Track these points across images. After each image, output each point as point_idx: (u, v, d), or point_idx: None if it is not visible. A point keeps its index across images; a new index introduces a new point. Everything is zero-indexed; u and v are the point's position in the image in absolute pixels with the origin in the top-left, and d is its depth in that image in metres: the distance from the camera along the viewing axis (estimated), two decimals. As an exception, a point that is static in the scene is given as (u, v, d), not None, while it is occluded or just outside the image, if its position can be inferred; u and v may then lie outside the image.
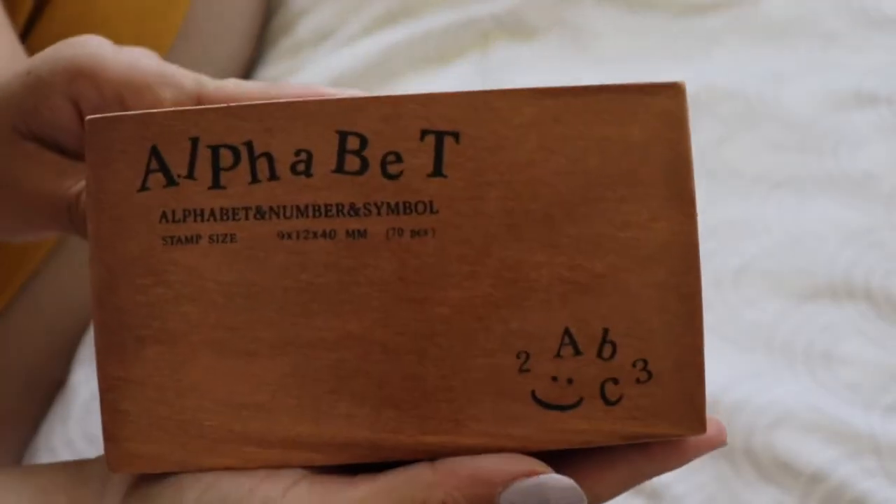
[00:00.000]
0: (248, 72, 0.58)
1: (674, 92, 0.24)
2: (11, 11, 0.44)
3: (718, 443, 0.24)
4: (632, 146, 0.23)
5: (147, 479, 0.24)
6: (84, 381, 0.46)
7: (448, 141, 0.23)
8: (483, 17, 0.55)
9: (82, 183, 0.29)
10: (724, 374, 0.41)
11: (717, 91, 0.50)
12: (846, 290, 0.43)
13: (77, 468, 0.26)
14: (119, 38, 0.31)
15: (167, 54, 0.49)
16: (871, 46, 0.50)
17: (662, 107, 0.23)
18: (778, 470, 0.39)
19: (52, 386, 0.48)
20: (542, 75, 0.52)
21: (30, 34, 0.46)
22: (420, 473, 0.22)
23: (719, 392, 0.40)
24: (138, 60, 0.29)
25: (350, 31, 0.56)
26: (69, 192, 0.29)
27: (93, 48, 0.29)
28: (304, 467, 0.24)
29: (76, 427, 0.45)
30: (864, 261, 0.43)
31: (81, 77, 0.29)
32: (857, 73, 0.49)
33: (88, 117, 0.24)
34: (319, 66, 0.55)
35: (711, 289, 0.25)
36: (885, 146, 0.47)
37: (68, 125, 0.30)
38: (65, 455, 0.44)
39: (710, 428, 0.24)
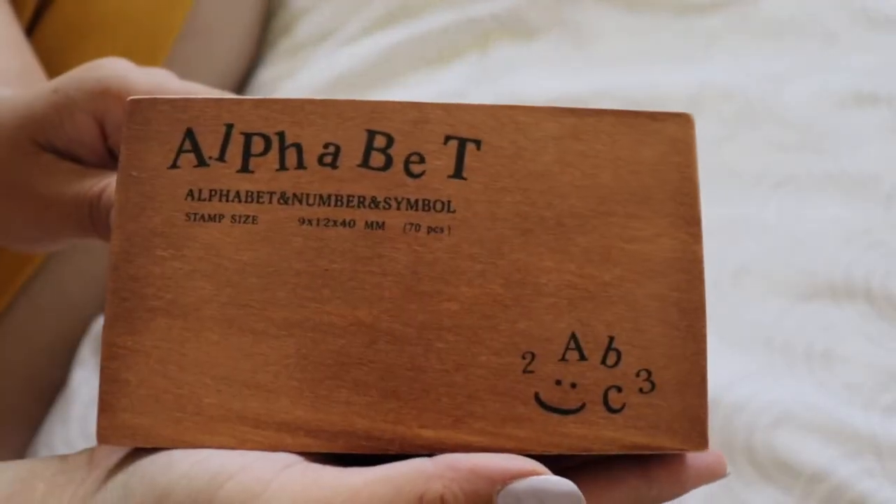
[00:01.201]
0: (248, 72, 0.58)
1: (682, 121, 0.25)
2: (16, 10, 0.45)
3: (719, 473, 0.24)
4: (643, 167, 0.25)
5: (135, 455, 0.24)
6: (84, 382, 0.46)
7: (470, 147, 0.25)
8: (483, 16, 0.55)
9: (103, 182, 0.30)
10: (724, 374, 0.41)
11: (717, 91, 0.50)
12: (846, 290, 0.43)
13: (60, 459, 0.25)
14: (119, 38, 0.31)
15: (168, 55, 0.49)
16: (871, 46, 0.50)
17: (672, 134, 0.25)
18: (778, 470, 0.39)
19: (52, 386, 0.48)
20: (542, 75, 0.52)
21: (33, 32, 0.46)
22: (419, 465, 0.22)
23: (719, 392, 0.40)
24: (164, 83, 0.31)
25: (350, 32, 0.56)
26: (90, 192, 0.30)
27: (120, 70, 0.31)
28: (298, 454, 0.24)
29: (76, 427, 0.45)
30: (864, 261, 0.43)
31: (109, 97, 0.30)
32: (857, 73, 0.49)
33: (130, 97, 0.25)
34: (319, 67, 0.55)
35: (711, 289, 0.25)
36: (885, 146, 0.47)
37: (89, 141, 0.31)
38: (65, 455, 0.44)
39: (711, 457, 0.24)
